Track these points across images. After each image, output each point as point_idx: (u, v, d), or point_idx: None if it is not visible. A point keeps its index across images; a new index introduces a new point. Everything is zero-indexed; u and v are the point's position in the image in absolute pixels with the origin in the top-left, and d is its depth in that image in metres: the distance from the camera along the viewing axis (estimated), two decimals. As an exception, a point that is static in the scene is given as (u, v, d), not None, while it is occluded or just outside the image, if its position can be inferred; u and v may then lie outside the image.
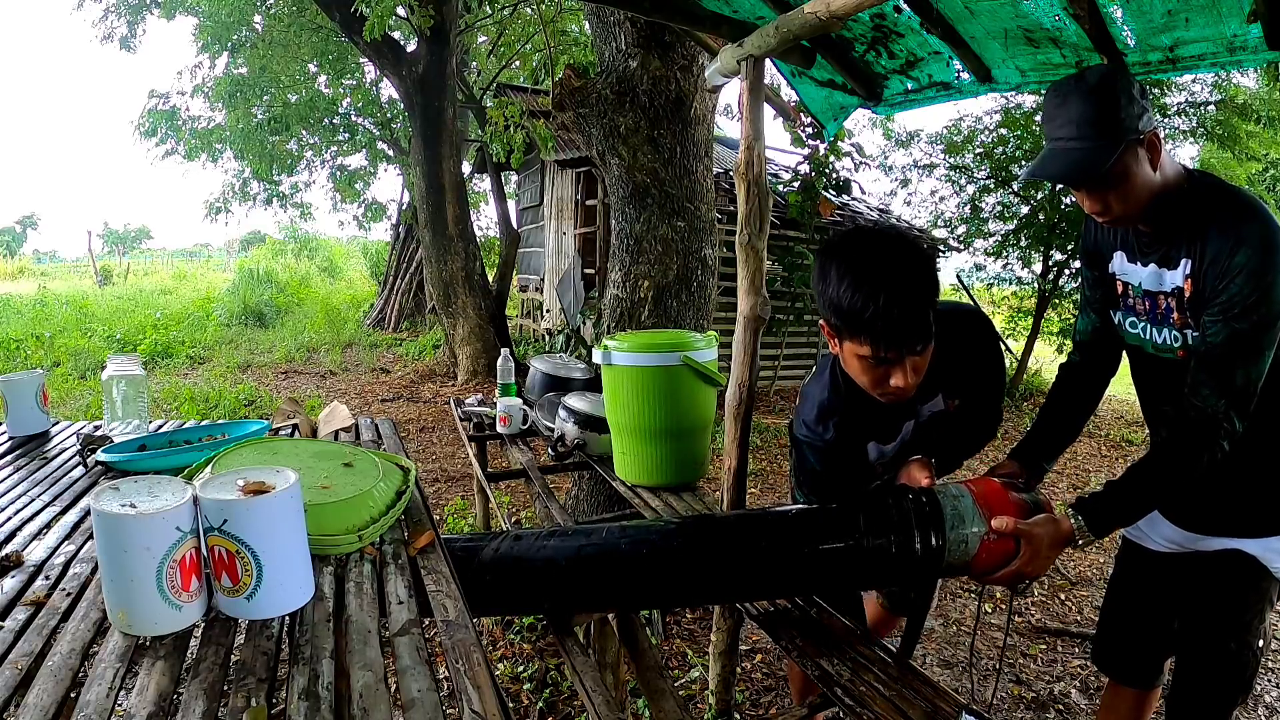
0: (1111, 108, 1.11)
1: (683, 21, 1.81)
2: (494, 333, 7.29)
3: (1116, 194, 1.15)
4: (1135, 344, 1.35)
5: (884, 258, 1.15)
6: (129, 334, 9.36)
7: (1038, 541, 1.16)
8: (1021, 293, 8.20)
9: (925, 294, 1.15)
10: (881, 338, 1.14)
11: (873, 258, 1.15)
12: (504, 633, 2.55)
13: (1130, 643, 1.53)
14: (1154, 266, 1.25)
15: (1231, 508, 1.32)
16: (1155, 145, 1.15)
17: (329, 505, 0.98)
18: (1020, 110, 7.06)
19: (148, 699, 0.68)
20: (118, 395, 1.60)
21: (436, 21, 6.16)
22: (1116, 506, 1.20)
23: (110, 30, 10.22)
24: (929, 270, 1.16)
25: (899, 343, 1.15)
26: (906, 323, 1.13)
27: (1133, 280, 1.30)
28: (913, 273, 1.14)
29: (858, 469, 1.43)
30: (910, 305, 1.12)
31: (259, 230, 31.32)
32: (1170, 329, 1.26)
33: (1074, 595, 3.09)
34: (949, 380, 1.33)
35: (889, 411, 1.34)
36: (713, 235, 3.14)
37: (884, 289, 1.11)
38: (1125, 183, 1.14)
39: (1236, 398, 1.13)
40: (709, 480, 2.74)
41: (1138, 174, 1.14)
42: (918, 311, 1.13)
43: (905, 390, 1.20)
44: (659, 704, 1.33)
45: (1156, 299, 1.26)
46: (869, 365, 1.19)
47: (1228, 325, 1.13)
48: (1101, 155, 1.11)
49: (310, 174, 12.65)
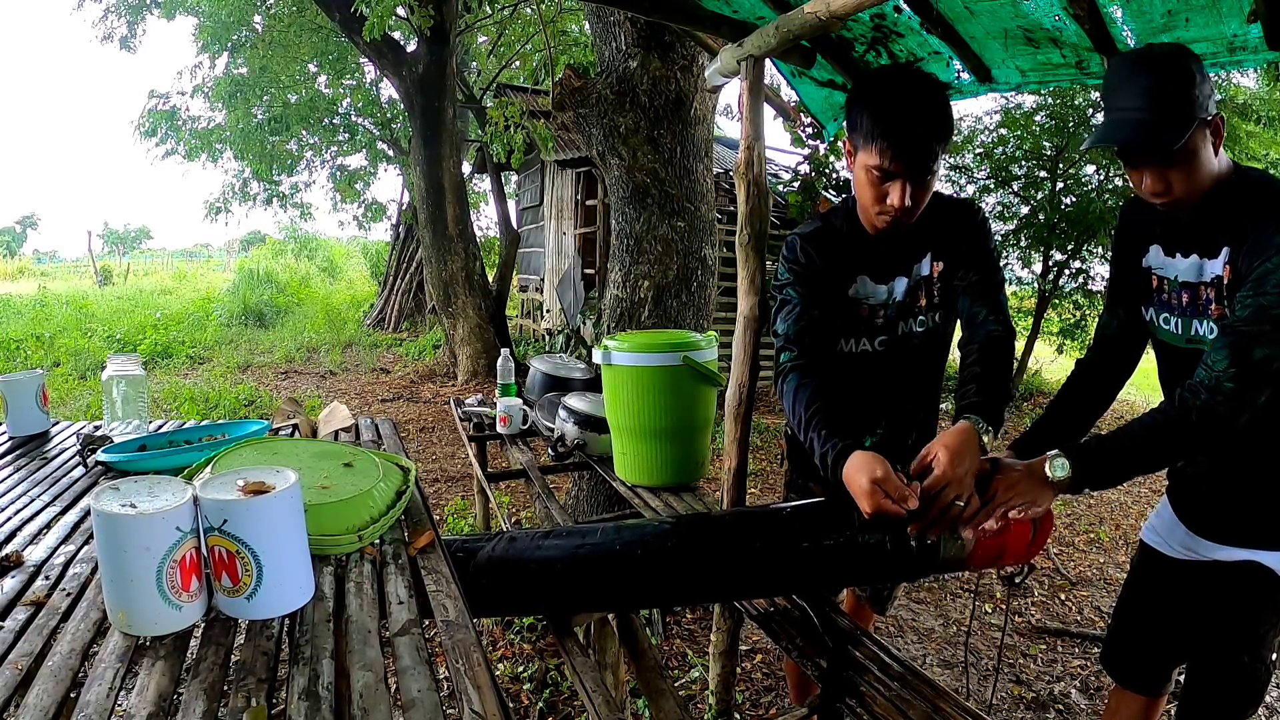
0: (1185, 83, 1.07)
1: (683, 21, 1.81)
2: (494, 333, 7.29)
3: (1181, 173, 1.12)
4: (1166, 340, 1.32)
5: (914, 84, 1.29)
6: (129, 334, 9.36)
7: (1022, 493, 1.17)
8: (1021, 293, 8.19)
9: (940, 122, 1.27)
10: (895, 144, 1.25)
11: (906, 81, 1.30)
12: (504, 633, 2.55)
13: (1141, 648, 1.50)
14: (1195, 257, 1.22)
15: (1250, 518, 1.29)
16: (1219, 129, 1.12)
17: (329, 505, 0.98)
18: (1020, 110, 7.06)
19: (148, 699, 0.68)
20: (118, 395, 1.60)
21: (436, 21, 6.17)
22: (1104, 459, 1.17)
23: (110, 30, 10.24)
24: (947, 108, 1.29)
25: (908, 154, 1.26)
26: (920, 136, 1.25)
27: (1169, 274, 1.27)
28: (935, 101, 1.28)
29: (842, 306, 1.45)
30: (926, 123, 1.25)
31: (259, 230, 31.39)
32: (1207, 320, 1.22)
33: (1074, 595, 3.09)
34: (937, 242, 1.43)
35: (882, 248, 1.42)
36: (713, 235, 3.14)
37: (908, 103, 1.26)
38: (1191, 162, 1.11)
39: (1249, 372, 1.08)
40: (709, 480, 2.74)
41: (1203, 156, 1.11)
42: (931, 131, 1.25)
43: (899, 210, 1.29)
44: (659, 704, 1.33)
45: (1196, 290, 1.23)
46: (875, 179, 1.30)
47: (1256, 299, 1.09)
48: (1175, 130, 1.07)
49: (310, 174, 12.68)
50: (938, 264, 1.44)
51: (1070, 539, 3.71)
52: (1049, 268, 7.30)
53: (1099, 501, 4.37)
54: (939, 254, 1.44)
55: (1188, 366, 1.21)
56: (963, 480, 1.15)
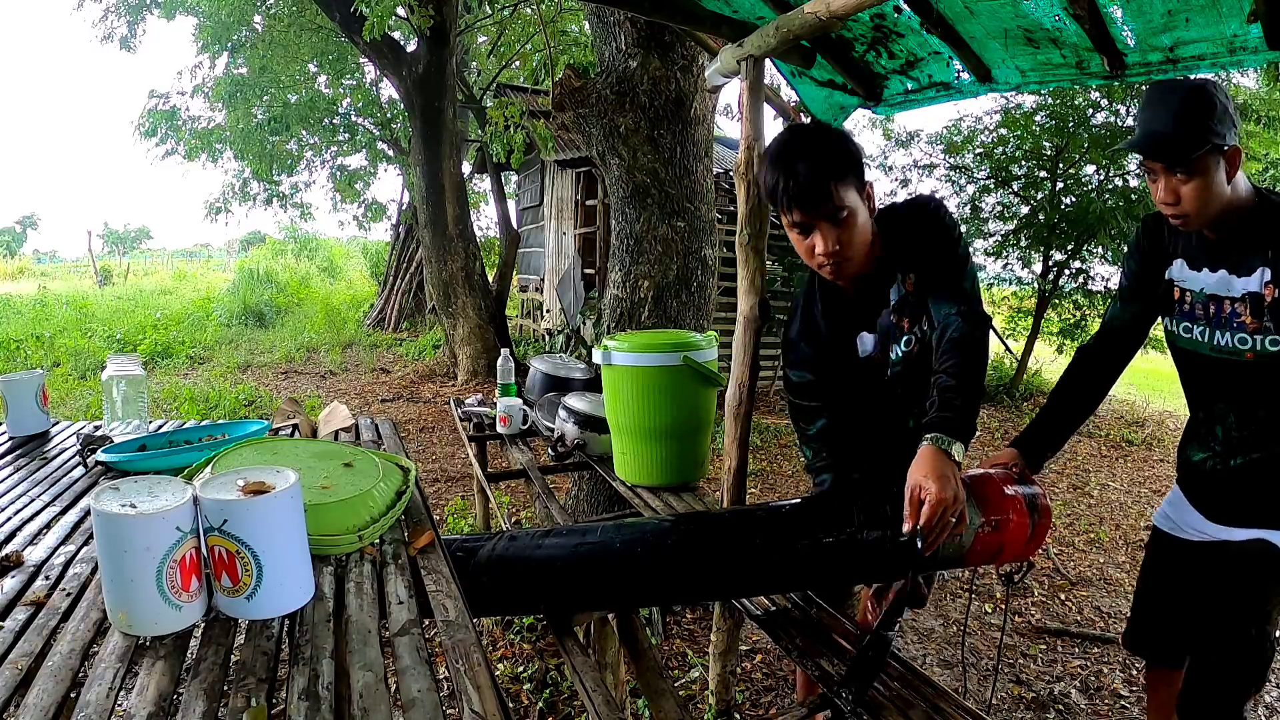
0: (1206, 109, 1.21)
1: (683, 21, 1.81)
2: (494, 333, 7.29)
3: (1190, 188, 1.24)
4: (1189, 348, 1.40)
5: (791, 139, 1.32)
6: (129, 334, 9.36)
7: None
8: (1021, 293, 8.20)
9: (831, 159, 1.27)
10: (792, 202, 1.28)
11: (782, 140, 1.33)
12: (504, 633, 2.55)
13: (1163, 626, 1.59)
14: (1223, 273, 1.31)
15: (1259, 500, 1.37)
16: (1235, 160, 1.24)
17: (329, 505, 0.98)
18: (1020, 110, 7.06)
19: (148, 699, 0.68)
20: (118, 395, 1.60)
21: (436, 21, 6.16)
22: None
23: (110, 30, 10.22)
24: (834, 143, 1.30)
25: (805, 205, 1.27)
26: (808, 185, 1.26)
27: (1192, 286, 1.36)
28: (814, 145, 1.29)
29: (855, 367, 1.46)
30: (810, 170, 1.26)
31: (259, 230, 31.36)
32: (1238, 332, 1.31)
33: (1074, 595, 3.09)
34: (901, 260, 1.40)
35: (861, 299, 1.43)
36: (713, 235, 3.14)
37: (788, 160, 1.28)
38: (1202, 179, 1.23)
39: None
40: (709, 480, 2.74)
41: (1214, 178, 1.23)
42: (819, 176, 1.26)
43: (829, 255, 1.30)
44: (659, 704, 1.33)
45: (1222, 304, 1.32)
46: (798, 236, 1.33)
47: None
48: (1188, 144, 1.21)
49: (310, 174, 12.64)
50: (909, 279, 1.40)
51: (1070, 539, 3.71)
52: (1049, 268, 7.30)
53: (1099, 502, 4.37)
54: (907, 268, 1.39)
55: (1216, 372, 1.35)
56: (956, 498, 1.15)
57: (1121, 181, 6.81)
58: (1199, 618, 1.50)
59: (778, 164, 1.29)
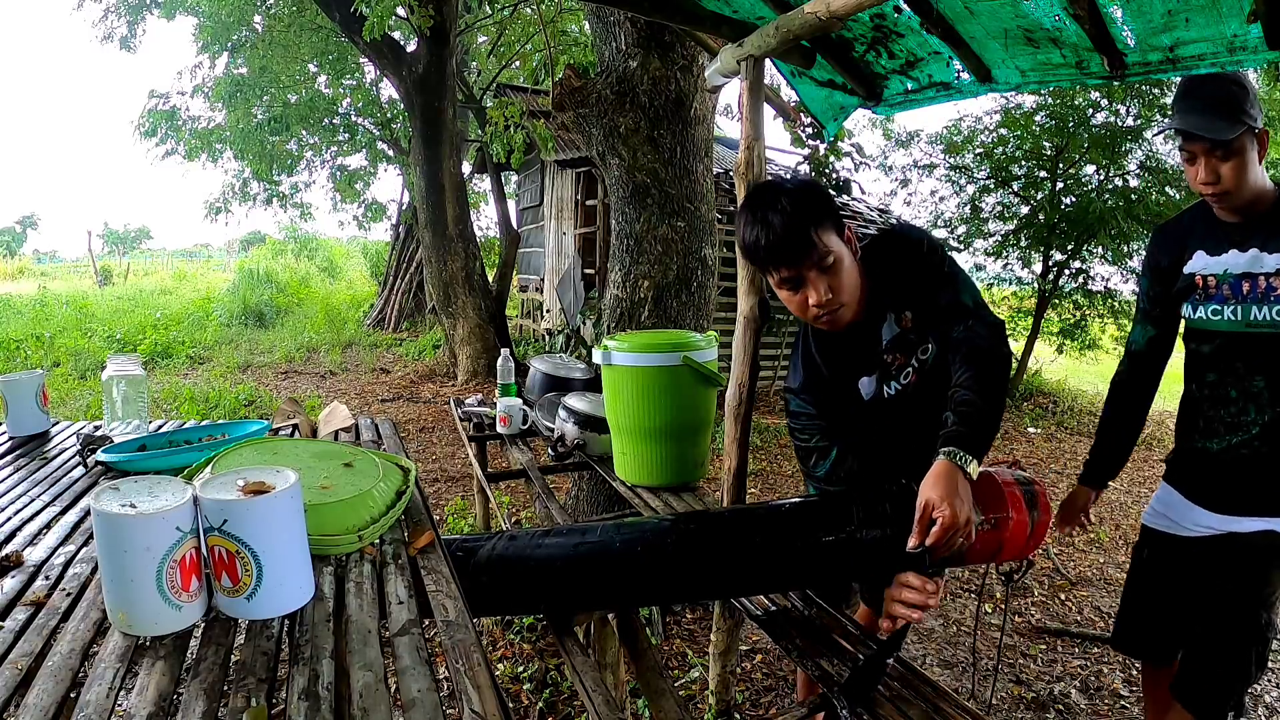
0: (1240, 94, 1.33)
1: (683, 21, 1.81)
2: (494, 333, 7.29)
3: (1231, 166, 1.34)
4: (1222, 329, 1.44)
5: (763, 195, 1.29)
6: (129, 334, 9.36)
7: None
8: (1021, 293, 8.20)
9: (801, 210, 1.24)
10: (772, 259, 1.26)
11: (754, 198, 1.31)
12: (504, 633, 2.55)
13: (1156, 624, 1.61)
14: (1255, 251, 1.39)
15: (1266, 488, 1.41)
16: (1264, 142, 1.36)
17: (329, 505, 0.98)
18: (1020, 110, 7.06)
19: (148, 699, 0.68)
20: (118, 395, 1.60)
21: (436, 21, 6.16)
22: None
23: (110, 30, 10.23)
24: (807, 194, 1.27)
25: (786, 259, 1.25)
26: (785, 239, 1.24)
27: (1216, 271, 1.43)
28: (784, 196, 1.26)
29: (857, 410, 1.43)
30: (786, 221, 1.23)
31: (259, 230, 31.36)
32: (1276, 304, 1.37)
33: (1074, 595, 3.09)
34: (891, 298, 1.38)
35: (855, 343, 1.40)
36: (713, 235, 3.14)
37: (761, 215, 1.26)
38: (1240, 159, 1.34)
39: None
40: (709, 480, 2.74)
41: (1250, 158, 1.35)
42: (797, 224, 1.24)
43: (823, 305, 1.27)
44: (659, 704, 1.33)
45: (1257, 280, 1.39)
46: (789, 293, 1.30)
47: None
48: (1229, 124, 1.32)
49: (310, 174, 12.65)
50: (904, 316, 1.38)
51: (1070, 539, 3.71)
52: (1049, 268, 7.30)
53: (1099, 501, 4.37)
54: (899, 306, 1.38)
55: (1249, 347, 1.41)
56: (968, 519, 1.15)
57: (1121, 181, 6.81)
58: (1196, 612, 1.51)
59: (752, 221, 1.27)
